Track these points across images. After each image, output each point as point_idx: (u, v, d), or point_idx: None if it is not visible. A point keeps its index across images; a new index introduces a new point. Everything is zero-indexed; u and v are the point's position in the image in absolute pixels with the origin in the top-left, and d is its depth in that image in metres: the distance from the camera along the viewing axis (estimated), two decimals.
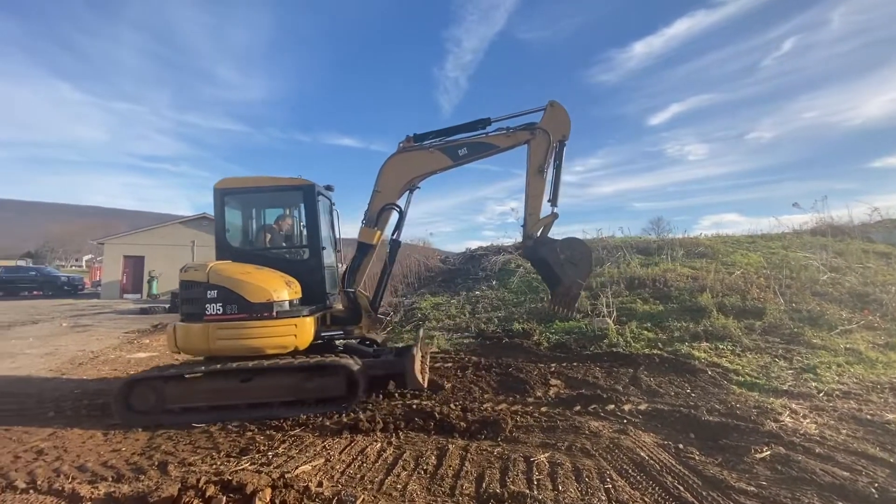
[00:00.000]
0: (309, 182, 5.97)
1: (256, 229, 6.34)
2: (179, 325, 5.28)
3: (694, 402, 5.21)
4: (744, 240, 15.76)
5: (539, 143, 6.12)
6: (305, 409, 5.08)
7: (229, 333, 5.14)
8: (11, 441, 4.57)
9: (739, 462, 3.71)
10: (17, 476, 3.68)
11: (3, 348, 10.01)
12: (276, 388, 5.22)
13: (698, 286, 10.17)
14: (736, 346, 7.34)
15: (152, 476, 3.65)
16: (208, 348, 5.19)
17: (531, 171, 6.16)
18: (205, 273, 5.20)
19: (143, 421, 4.96)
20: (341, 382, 5.26)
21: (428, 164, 6.18)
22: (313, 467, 3.67)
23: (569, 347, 8.02)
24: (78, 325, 14.26)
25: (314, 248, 5.93)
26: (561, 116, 6.21)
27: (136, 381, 5.18)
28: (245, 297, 5.14)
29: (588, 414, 4.94)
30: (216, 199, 5.81)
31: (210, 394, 5.16)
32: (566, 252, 6.18)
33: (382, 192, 6.10)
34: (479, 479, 3.46)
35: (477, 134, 6.22)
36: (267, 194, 6.21)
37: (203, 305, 5.15)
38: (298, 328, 5.35)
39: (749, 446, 3.92)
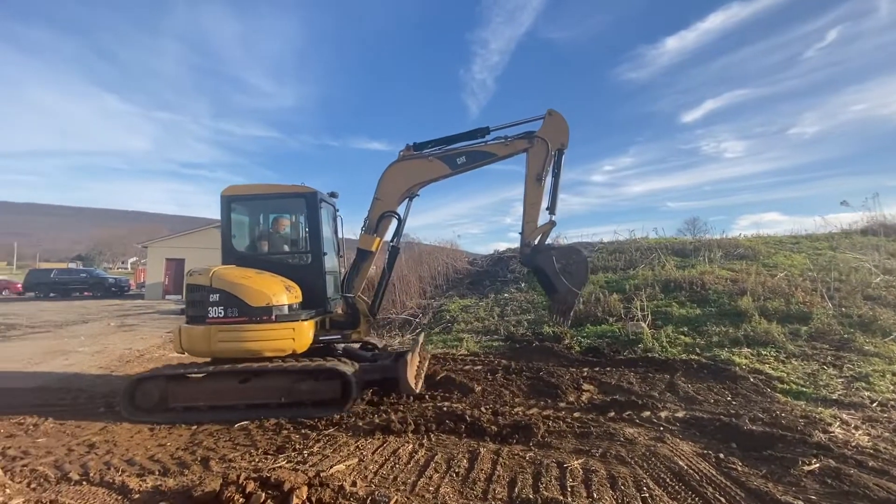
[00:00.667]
0: (312, 189, 6.11)
1: (261, 235, 6.51)
2: (184, 327, 5.49)
3: (735, 410, 5.02)
4: (787, 240, 15.06)
5: (537, 151, 6.12)
6: (301, 412, 5.21)
7: (229, 336, 5.30)
8: (66, 434, 4.85)
9: (786, 474, 3.54)
10: (72, 468, 3.90)
11: (58, 346, 10.65)
12: (272, 390, 5.35)
13: (738, 289, 9.78)
14: (780, 352, 7.02)
15: (195, 471, 3.80)
16: (210, 350, 5.37)
17: (529, 180, 6.17)
18: (208, 277, 5.40)
19: (147, 418, 5.21)
20: (336, 386, 5.34)
21: (427, 173, 6.25)
22: (347, 467, 3.74)
23: (601, 352, 7.85)
24: (124, 325, 15.01)
25: (316, 253, 6.04)
26: (559, 125, 6.20)
27: (141, 380, 5.42)
28: (245, 300, 5.29)
29: (623, 420, 4.82)
30: (223, 206, 6.00)
31: (210, 394, 5.34)
32: (562, 261, 6.14)
33: (382, 200, 6.20)
34: (512, 483, 3.44)
35: (475, 143, 6.27)
36: (271, 201, 6.40)
37: (206, 308, 5.33)
38: (296, 332, 5.46)
39: (796, 458, 3.74)
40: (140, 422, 5.14)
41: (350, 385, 5.27)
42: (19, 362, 8.74)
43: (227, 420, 5.10)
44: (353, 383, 5.27)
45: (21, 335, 12.61)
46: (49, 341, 11.47)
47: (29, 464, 3.99)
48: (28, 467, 3.89)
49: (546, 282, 6.32)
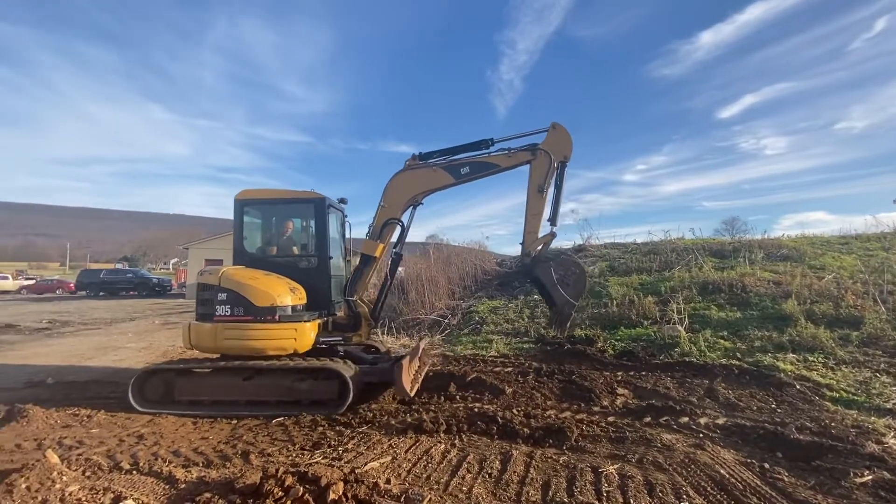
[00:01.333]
0: (320, 196, 6.29)
1: (271, 238, 6.70)
2: (193, 324, 5.73)
3: (780, 418, 4.80)
4: (835, 240, 14.29)
5: (540, 163, 6.16)
6: (300, 409, 5.36)
7: (235, 334, 5.50)
8: (116, 426, 5.13)
9: (836, 486, 3.37)
10: (123, 458, 4.12)
11: (107, 342, 11.27)
12: (274, 388, 5.53)
13: (782, 292, 9.35)
14: (829, 358, 6.66)
15: (236, 464, 3.95)
16: (216, 346, 5.60)
17: (531, 191, 6.21)
18: (217, 277, 5.62)
19: (154, 408, 5.46)
20: (334, 387, 5.46)
21: (431, 182, 6.35)
22: (381, 464, 3.80)
23: (636, 355, 7.66)
24: (168, 323, 15.73)
25: (322, 257, 6.20)
26: (563, 138, 6.24)
27: (151, 373, 5.69)
28: (251, 300, 5.49)
29: (660, 426, 4.69)
30: (236, 209, 6.20)
31: (213, 389, 5.59)
32: (560, 272, 6.15)
33: (387, 207, 6.31)
34: (545, 486, 3.41)
35: (479, 154, 6.34)
36: (282, 206, 6.59)
37: (214, 307, 5.55)
38: (298, 332, 5.63)
39: (847, 469, 3.55)
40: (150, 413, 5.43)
41: (347, 386, 5.36)
42: (73, 357, 9.31)
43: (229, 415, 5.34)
44: (351, 384, 5.36)
45: (74, 331, 13.41)
46: (100, 337, 12.15)
47: (84, 453, 4.23)
48: (83, 456, 4.13)
49: (544, 292, 6.34)
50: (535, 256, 6.19)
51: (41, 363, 8.69)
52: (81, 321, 16.01)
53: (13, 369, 8.11)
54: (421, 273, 15.05)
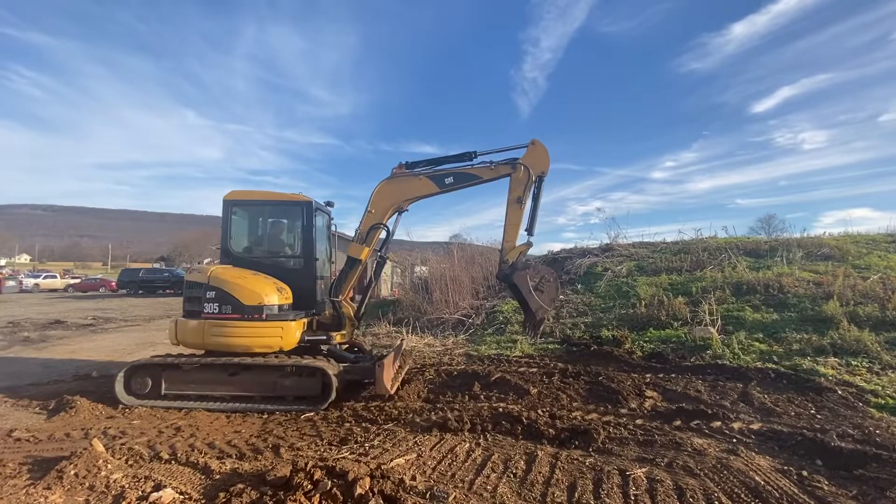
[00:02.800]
0: (308, 199, 6.44)
1: (258, 238, 6.85)
2: (180, 321, 5.87)
3: (820, 424, 4.60)
4: (881, 239, 13.55)
5: (519, 177, 6.39)
6: (284, 405, 5.54)
7: (222, 331, 5.65)
8: (156, 418, 5.37)
9: (880, 497, 3.21)
10: (162, 448, 4.31)
11: (146, 338, 11.79)
12: (259, 384, 5.69)
13: (823, 293, 8.95)
14: (874, 362, 6.35)
15: (267, 457, 4.08)
16: (203, 343, 5.73)
17: (510, 202, 6.42)
18: (206, 275, 5.77)
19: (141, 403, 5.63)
20: (317, 383, 5.62)
21: (416, 190, 6.52)
22: (406, 461, 3.85)
23: (665, 357, 7.48)
24: None
25: (308, 258, 6.36)
26: (541, 154, 6.46)
27: (136, 368, 5.82)
28: (239, 299, 5.64)
29: (690, 430, 4.57)
30: (224, 209, 6.35)
31: (201, 384, 5.73)
32: (535, 279, 6.35)
33: (373, 213, 6.46)
34: (571, 488, 3.37)
35: (463, 165, 6.56)
36: (270, 207, 6.76)
37: (202, 304, 5.70)
38: (284, 331, 5.76)
39: (893, 479, 3.39)
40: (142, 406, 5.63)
41: (331, 383, 5.51)
42: (116, 352, 9.78)
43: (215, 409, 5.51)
44: (334, 382, 5.51)
45: (116, 328, 14.09)
46: (140, 333, 12.73)
47: (126, 443, 4.45)
48: (126, 446, 4.34)
49: (520, 298, 6.55)
50: (512, 264, 6.39)
51: (87, 357, 9.17)
52: (123, 318, 16.80)
53: (61, 363, 8.59)
54: (445, 273, 15.10)
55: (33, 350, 10.03)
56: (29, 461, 3.92)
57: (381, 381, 5.53)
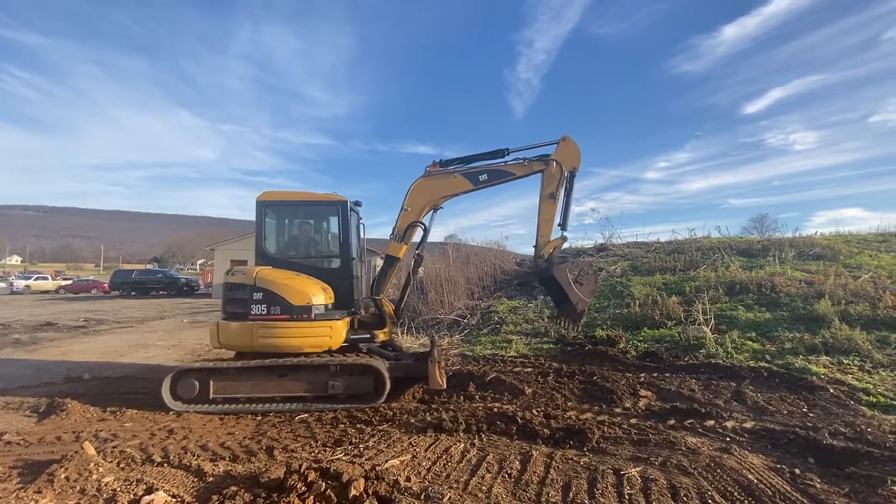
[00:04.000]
0: (343, 198, 6.43)
1: (293, 239, 6.82)
2: (222, 323, 5.78)
3: (813, 422, 4.64)
4: (872, 238, 13.70)
5: (552, 172, 6.53)
6: (336, 404, 5.51)
7: (271, 332, 5.60)
8: (148, 420, 5.32)
9: (872, 494, 3.24)
10: (154, 451, 4.27)
11: (139, 340, 11.69)
12: (310, 384, 5.63)
13: (815, 292, 9.03)
14: (865, 361, 6.40)
15: (261, 458, 4.05)
16: (251, 345, 5.63)
17: (543, 198, 6.56)
18: (251, 277, 5.71)
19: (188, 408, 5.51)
20: (369, 381, 5.64)
21: (451, 188, 6.60)
22: (401, 462, 3.83)
23: (659, 357, 7.51)
24: (196, 322, 16.20)
25: (345, 258, 6.35)
26: (572, 150, 6.59)
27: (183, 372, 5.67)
28: (287, 299, 5.60)
29: (684, 429, 4.59)
30: (258, 211, 6.32)
31: (250, 386, 5.64)
32: (575, 272, 6.49)
33: (409, 211, 6.54)
34: (566, 488, 3.38)
35: (496, 162, 6.65)
36: (304, 208, 6.74)
37: (248, 306, 5.63)
38: (333, 330, 5.77)
39: (884, 477, 3.41)
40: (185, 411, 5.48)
41: (383, 381, 5.53)
42: (108, 354, 9.69)
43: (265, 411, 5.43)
44: (387, 379, 5.54)
45: (108, 329, 13.95)
46: (132, 335, 12.61)
47: (118, 445, 4.41)
48: (117, 448, 4.30)
49: (558, 292, 6.64)
50: (548, 258, 6.47)
51: (78, 359, 9.08)
52: (115, 320, 16.64)
53: (53, 365, 8.50)
54: (440, 273, 15.09)
55: (24, 352, 9.91)
56: (19, 465, 3.88)
57: (434, 377, 5.63)
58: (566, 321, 6.82)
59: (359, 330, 6.39)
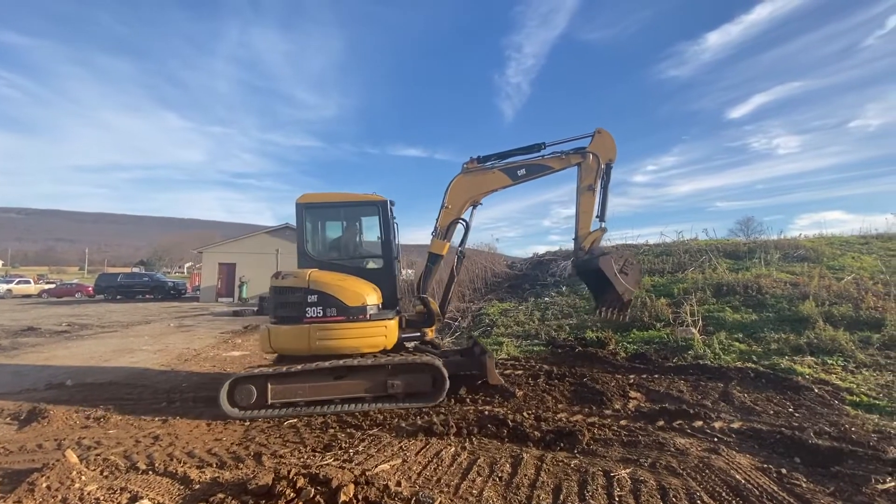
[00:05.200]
0: (383, 198, 6.43)
1: (335, 240, 6.80)
2: (273, 327, 5.70)
3: (798, 422, 4.70)
4: (854, 240, 13.98)
5: (589, 165, 6.58)
6: (394, 403, 5.52)
7: (329, 334, 5.59)
8: (133, 427, 5.22)
9: (857, 493, 3.29)
10: (139, 458, 4.19)
11: (124, 345, 11.48)
12: (369, 384, 5.62)
13: (799, 293, 9.18)
14: (848, 361, 6.51)
15: (249, 465, 3.99)
16: (308, 348, 5.58)
17: (582, 191, 6.60)
18: (305, 279, 5.67)
19: (246, 415, 5.39)
20: (427, 379, 5.69)
21: (490, 183, 6.63)
22: (391, 466, 3.81)
23: (649, 358, 7.57)
24: (182, 326, 15.96)
25: (388, 258, 6.35)
26: (608, 142, 6.66)
27: (239, 380, 5.52)
28: (343, 301, 5.62)
29: (673, 430, 4.63)
30: (298, 213, 6.30)
31: (308, 389, 5.58)
32: (619, 263, 6.51)
33: (450, 208, 6.54)
34: (556, 491, 3.38)
35: (533, 156, 6.68)
36: (345, 209, 6.72)
37: (303, 309, 5.59)
38: (388, 329, 5.85)
39: (868, 475, 3.46)
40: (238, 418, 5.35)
41: (442, 378, 5.60)
42: (92, 359, 9.50)
43: (324, 413, 5.39)
44: (446, 377, 5.61)
45: (93, 334, 13.69)
46: (117, 340, 12.39)
47: (101, 453, 4.31)
48: (101, 456, 4.21)
49: (600, 283, 6.65)
50: (589, 250, 6.55)
51: (61, 365, 8.89)
52: (99, 324, 16.34)
53: (34, 371, 8.31)
54: None
55: (5, 357, 9.68)
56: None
57: (493, 373, 5.85)
58: (610, 312, 6.87)
59: (406, 329, 6.42)
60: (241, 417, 5.34)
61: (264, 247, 30.74)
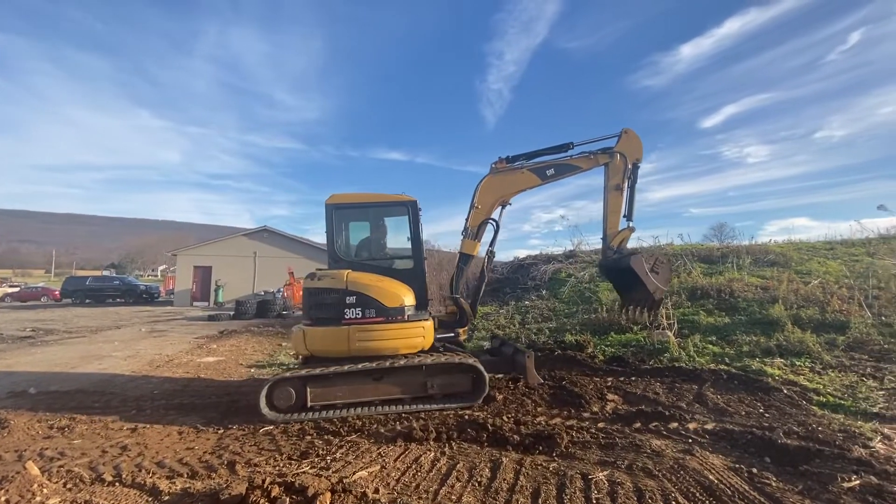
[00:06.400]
0: (412, 199, 6.42)
1: (365, 241, 6.77)
2: (310, 329, 5.65)
3: (768, 422, 4.83)
4: (821, 246, 14.50)
5: (617, 165, 6.71)
6: (434, 404, 5.59)
7: (369, 335, 5.59)
8: (99, 436, 5.02)
9: (823, 491, 3.38)
10: (105, 469, 4.03)
11: (92, 351, 11.06)
12: (408, 385, 5.68)
13: (769, 297, 9.46)
14: (815, 362, 6.73)
15: (222, 474, 3.88)
16: (348, 349, 5.57)
17: (610, 190, 6.71)
18: (343, 280, 5.64)
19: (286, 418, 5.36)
20: (467, 380, 5.78)
21: (520, 183, 6.71)
22: (370, 473, 3.75)
23: (626, 361, 7.68)
24: (155, 331, 15.48)
25: (418, 258, 6.35)
26: (634, 142, 6.79)
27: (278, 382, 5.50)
28: (382, 302, 5.63)
29: (649, 432, 4.70)
30: (328, 214, 6.24)
31: (347, 391, 5.58)
32: (650, 262, 6.63)
33: (480, 208, 6.61)
34: (535, 494, 3.39)
35: (562, 156, 6.77)
36: (374, 209, 6.71)
37: (341, 310, 5.57)
38: (425, 330, 5.88)
39: (835, 474, 3.57)
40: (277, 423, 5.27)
41: (482, 378, 5.66)
42: (57, 366, 9.12)
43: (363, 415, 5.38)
44: (486, 377, 5.67)
45: (58, 340, 13.16)
46: (85, 346, 11.93)
47: (65, 465, 4.14)
48: (64, 468, 4.04)
49: (627, 282, 6.78)
50: (617, 249, 6.63)
51: (24, 371, 8.51)
52: (66, 329, 15.72)
53: None
54: None
55: None
56: None
57: (532, 372, 5.95)
58: (638, 310, 7.00)
59: (438, 329, 6.41)
60: (282, 421, 5.30)
61: (242, 250, 30.14)
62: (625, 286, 7.15)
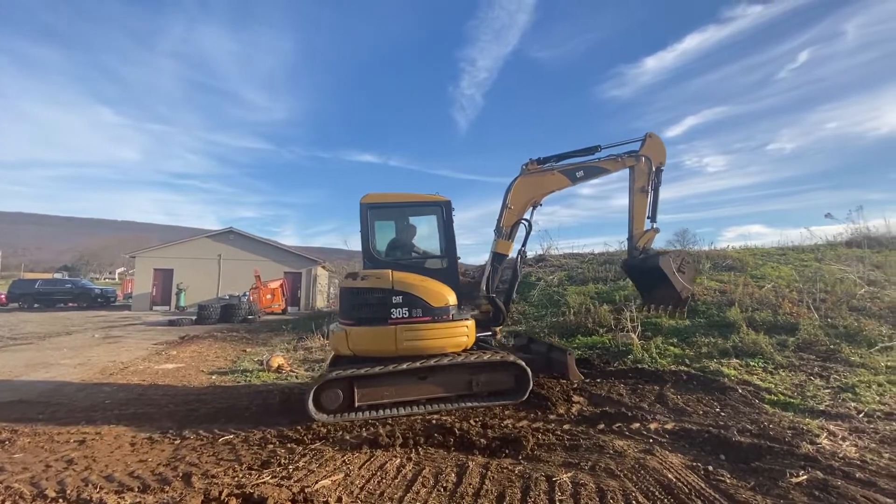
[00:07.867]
0: (446, 199, 6.44)
1: (399, 241, 6.71)
2: (353, 329, 5.65)
3: (724, 421, 5.02)
4: (774, 252, 15.24)
5: (642, 168, 6.95)
6: (479, 402, 5.74)
7: (416, 335, 5.63)
8: (43, 450, 4.71)
9: (774, 486, 3.53)
10: (48, 485, 3.78)
11: (38, 358, 10.40)
12: (453, 384, 5.76)
13: (727, 300, 9.86)
14: (768, 363, 7.06)
15: (176, 487, 3.70)
16: (395, 349, 5.60)
17: (635, 192, 6.95)
18: (388, 280, 5.64)
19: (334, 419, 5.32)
20: (510, 377, 5.92)
21: (550, 185, 6.85)
22: (333, 482, 3.67)
23: (592, 363, 7.84)
24: (109, 337, 14.73)
25: (451, 258, 6.34)
26: (658, 146, 7.05)
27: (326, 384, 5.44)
28: (428, 301, 5.68)
29: (612, 432, 4.80)
30: (362, 213, 6.19)
31: (393, 391, 5.61)
32: (677, 262, 6.86)
33: (513, 209, 6.70)
34: (500, 498, 3.39)
35: (590, 158, 6.97)
36: (409, 209, 6.73)
37: (388, 310, 5.59)
38: (469, 329, 5.96)
39: (784, 470, 3.74)
40: (331, 423, 5.23)
41: (526, 376, 5.80)
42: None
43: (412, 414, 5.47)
44: (529, 374, 5.80)
45: (2, 347, 12.32)
46: (31, 353, 11.21)
47: (4, 481, 3.86)
48: (3, 484, 3.77)
49: (651, 282, 7.01)
50: (643, 250, 6.88)
51: None
52: (11, 336, 14.74)
53: None
54: None
55: None
56: None
57: (573, 369, 6.16)
58: (663, 308, 7.16)
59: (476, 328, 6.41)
60: (330, 422, 5.23)
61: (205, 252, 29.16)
62: (649, 285, 7.37)
